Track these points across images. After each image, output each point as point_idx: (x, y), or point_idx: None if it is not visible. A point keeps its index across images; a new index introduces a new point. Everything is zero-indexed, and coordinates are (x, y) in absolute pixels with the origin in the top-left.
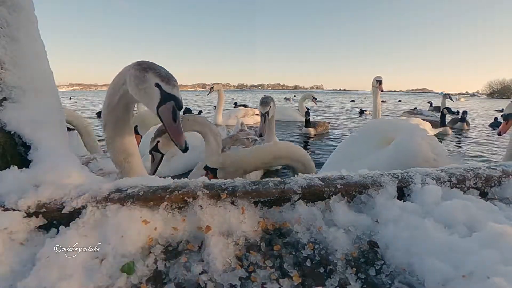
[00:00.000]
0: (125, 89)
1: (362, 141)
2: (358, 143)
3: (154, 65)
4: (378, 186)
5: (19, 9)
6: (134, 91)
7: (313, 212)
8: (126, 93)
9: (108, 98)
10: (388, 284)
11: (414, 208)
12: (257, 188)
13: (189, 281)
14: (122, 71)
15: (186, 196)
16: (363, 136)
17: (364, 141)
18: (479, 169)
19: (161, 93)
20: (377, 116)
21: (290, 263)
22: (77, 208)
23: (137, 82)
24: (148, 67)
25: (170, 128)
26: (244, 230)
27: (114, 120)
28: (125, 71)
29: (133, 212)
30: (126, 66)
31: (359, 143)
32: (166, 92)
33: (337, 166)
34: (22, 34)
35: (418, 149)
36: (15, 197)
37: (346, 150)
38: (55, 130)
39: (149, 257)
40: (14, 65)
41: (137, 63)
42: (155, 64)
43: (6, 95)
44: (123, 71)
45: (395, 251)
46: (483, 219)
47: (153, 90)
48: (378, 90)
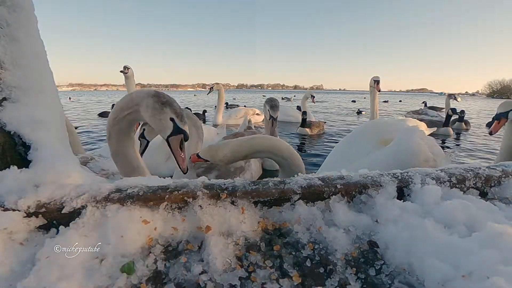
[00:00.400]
0: (136, 109)
1: (360, 141)
2: (355, 143)
3: (171, 100)
4: (378, 186)
5: (19, 9)
6: (149, 118)
7: (313, 212)
8: (136, 112)
9: (115, 112)
10: (388, 284)
11: (414, 208)
12: (257, 188)
13: (189, 281)
14: (138, 95)
15: (186, 196)
16: (361, 136)
17: (362, 141)
18: (479, 169)
19: (174, 126)
20: (374, 116)
21: (290, 263)
22: (77, 208)
23: (155, 112)
24: (166, 102)
25: (177, 155)
26: (244, 230)
27: (117, 131)
28: (141, 96)
29: (133, 212)
30: (142, 91)
31: (357, 144)
32: (178, 127)
33: (335, 166)
34: (22, 34)
35: (418, 149)
36: (15, 197)
37: (344, 150)
38: (55, 130)
39: (149, 257)
40: (14, 65)
41: (156, 95)
42: (172, 99)
43: (6, 95)
44: (139, 94)
45: (395, 251)
46: (483, 219)
47: (168, 123)
48: (376, 90)
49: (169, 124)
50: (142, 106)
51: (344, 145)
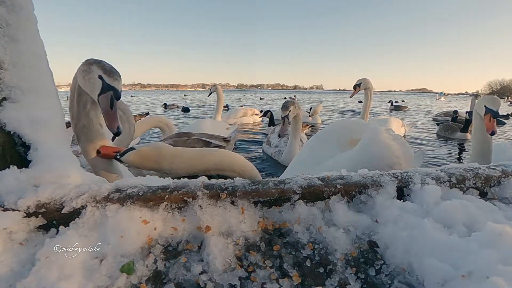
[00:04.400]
0: (78, 86)
1: (328, 142)
2: (323, 144)
3: (100, 60)
4: (378, 186)
5: (18, 9)
6: (81, 82)
7: (312, 212)
8: (80, 91)
9: (70, 109)
10: (387, 284)
11: (414, 208)
12: (256, 188)
13: (189, 281)
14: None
15: (186, 196)
16: (330, 136)
17: (330, 142)
18: (479, 169)
19: (103, 84)
20: (364, 118)
21: (290, 263)
22: (77, 208)
23: (84, 74)
24: (93, 62)
25: (107, 114)
26: (243, 230)
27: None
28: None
29: (132, 212)
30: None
31: (324, 144)
32: (107, 83)
33: (301, 167)
34: (21, 34)
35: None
36: (14, 197)
37: (312, 151)
38: (55, 130)
39: (148, 257)
40: (14, 65)
41: (86, 60)
42: (102, 60)
43: (6, 95)
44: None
45: (395, 251)
46: (483, 219)
47: (96, 81)
48: (370, 92)
49: (98, 82)
50: (78, 76)
51: (312, 145)
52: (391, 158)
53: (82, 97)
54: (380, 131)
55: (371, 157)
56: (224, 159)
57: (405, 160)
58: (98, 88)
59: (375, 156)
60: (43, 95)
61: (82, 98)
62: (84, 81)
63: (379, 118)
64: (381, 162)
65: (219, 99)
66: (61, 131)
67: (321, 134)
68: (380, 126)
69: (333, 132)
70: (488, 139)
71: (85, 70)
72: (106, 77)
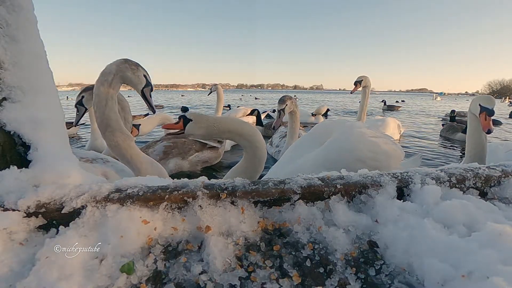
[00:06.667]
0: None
1: (309, 142)
2: (305, 144)
3: (138, 63)
4: (378, 186)
5: (18, 9)
6: (131, 76)
7: (312, 212)
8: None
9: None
10: (387, 284)
11: (414, 208)
12: (256, 188)
13: (189, 281)
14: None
15: (186, 196)
16: (313, 137)
17: (312, 141)
18: (479, 169)
19: (146, 80)
20: (361, 118)
21: (290, 263)
22: (77, 208)
23: (133, 71)
24: (138, 64)
25: (150, 100)
26: (243, 230)
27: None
28: (116, 64)
29: (132, 212)
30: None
31: (306, 144)
32: (149, 81)
33: (279, 166)
34: (21, 34)
35: (350, 147)
36: (14, 197)
37: (292, 151)
38: (55, 130)
39: (148, 257)
40: (14, 65)
41: (125, 60)
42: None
43: (6, 95)
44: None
45: (395, 251)
46: (483, 219)
47: (142, 78)
48: (367, 90)
49: (143, 79)
50: (128, 70)
51: (296, 145)
52: (362, 151)
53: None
54: (354, 126)
55: (339, 150)
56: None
57: (387, 157)
58: (143, 83)
59: (344, 149)
60: (43, 95)
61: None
62: (134, 76)
63: (376, 118)
64: (349, 156)
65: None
66: (61, 131)
67: (306, 135)
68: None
69: (316, 133)
70: (483, 140)
71: (133, 69)
72: (148, 76)
